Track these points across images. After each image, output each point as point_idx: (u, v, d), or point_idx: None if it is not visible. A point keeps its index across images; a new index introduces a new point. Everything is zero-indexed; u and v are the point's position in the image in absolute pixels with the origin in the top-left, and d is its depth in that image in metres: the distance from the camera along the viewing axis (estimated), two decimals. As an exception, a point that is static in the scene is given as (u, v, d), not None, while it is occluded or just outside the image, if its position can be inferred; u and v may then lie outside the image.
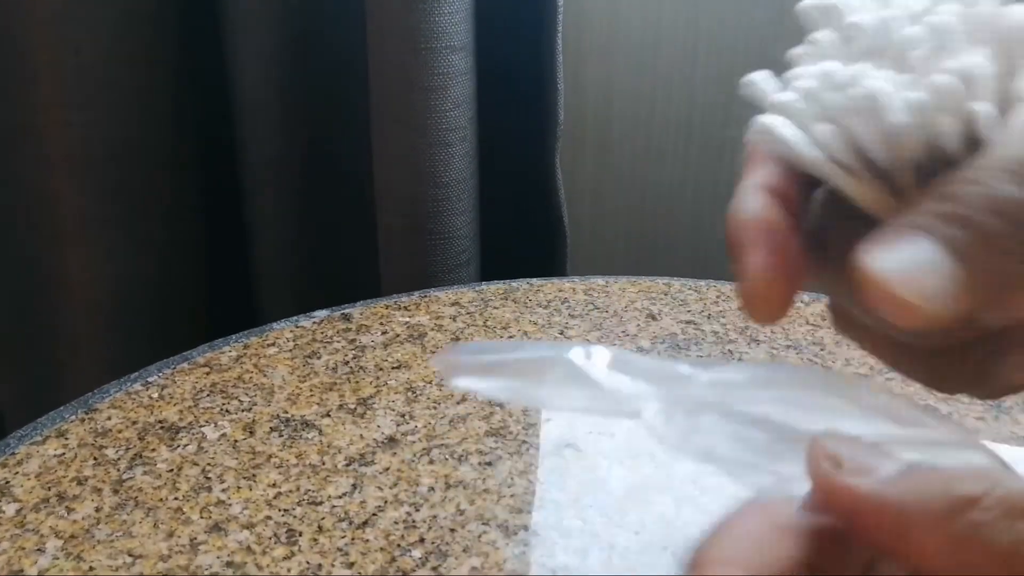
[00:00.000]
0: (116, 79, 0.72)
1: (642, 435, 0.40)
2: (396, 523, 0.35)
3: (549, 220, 0.74)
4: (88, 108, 0.72)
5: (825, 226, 0.20)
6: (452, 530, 0.35)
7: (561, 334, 0.48)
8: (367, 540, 0.34)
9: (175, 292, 0.80)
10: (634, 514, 0.36)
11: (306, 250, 0.78)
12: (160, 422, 0.41)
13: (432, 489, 0.37)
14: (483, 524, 0.35)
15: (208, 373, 0.45)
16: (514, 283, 0.54)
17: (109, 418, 0.41)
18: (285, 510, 0.36)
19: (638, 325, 0.49)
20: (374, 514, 0.36)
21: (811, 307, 0.51)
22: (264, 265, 0.78)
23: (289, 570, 0.33)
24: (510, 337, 0.48)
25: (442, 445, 0.40)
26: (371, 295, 0.54)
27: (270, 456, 0.39)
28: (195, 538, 0.35)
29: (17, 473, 0.38)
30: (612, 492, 0.37)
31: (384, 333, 0.48)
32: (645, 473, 0.38)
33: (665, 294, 0.53)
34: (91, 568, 0.33)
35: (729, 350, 0.47)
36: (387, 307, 0.51)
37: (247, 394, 0.43)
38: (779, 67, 0.20)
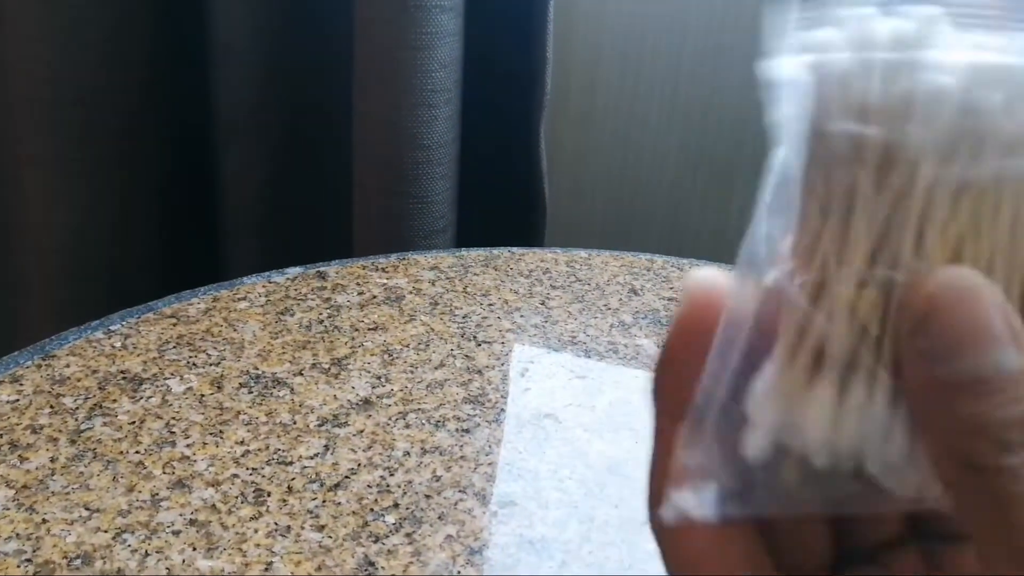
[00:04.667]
0: (88, 17, 0.69)
1: (623, 409, 0.39)
2: (369, 487, 0.34)
3: (529, 189, 0.73)
4: (57, 46, 0.69)
5: None
6: (427, 496, 0.34)
7: (543, 304, 0.47)
8: (339, 503, 0.33)
9: (135, 242, 0.77)
10: (614, 488, 0.35)
11: (276, 205, 0.75)
12: (122, 372, 0.39)
13: (407, 454, 0.36)
14: (459, 491, 0.34)
15: (175, 324, 0.43)
16: (495, 251, 0.52)
17: (68, 366, 0.39)
18: (253, 469, 0.34)
19: (620, 299, 0.48)
20: (347, 476, 0.34)
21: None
22: (231, 218, 0.76)
23: (256, 531, 0.32)
24: (490, 305, 0.47)
25: (418, 410, 0.38)
26: (342, 257, 0.52)
27: (238, 412, 0.37)
28: (156, 494, 0.33)
29: (-33, 418, 0.36)
30: (592, 465, 0.36)
31: (361, 294, 0.47)
32: (625, 447, 0.37)
33: (648, 270, 0.52)
34: (44, 520, 0.31)
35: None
36: (364, 267, 0.49)
37: (215, 348, 0.41)
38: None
